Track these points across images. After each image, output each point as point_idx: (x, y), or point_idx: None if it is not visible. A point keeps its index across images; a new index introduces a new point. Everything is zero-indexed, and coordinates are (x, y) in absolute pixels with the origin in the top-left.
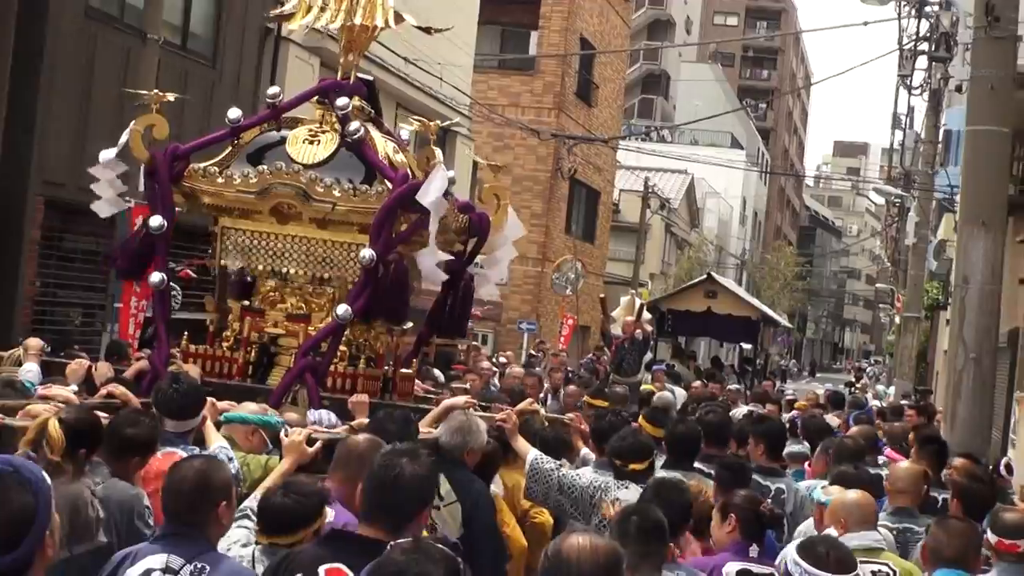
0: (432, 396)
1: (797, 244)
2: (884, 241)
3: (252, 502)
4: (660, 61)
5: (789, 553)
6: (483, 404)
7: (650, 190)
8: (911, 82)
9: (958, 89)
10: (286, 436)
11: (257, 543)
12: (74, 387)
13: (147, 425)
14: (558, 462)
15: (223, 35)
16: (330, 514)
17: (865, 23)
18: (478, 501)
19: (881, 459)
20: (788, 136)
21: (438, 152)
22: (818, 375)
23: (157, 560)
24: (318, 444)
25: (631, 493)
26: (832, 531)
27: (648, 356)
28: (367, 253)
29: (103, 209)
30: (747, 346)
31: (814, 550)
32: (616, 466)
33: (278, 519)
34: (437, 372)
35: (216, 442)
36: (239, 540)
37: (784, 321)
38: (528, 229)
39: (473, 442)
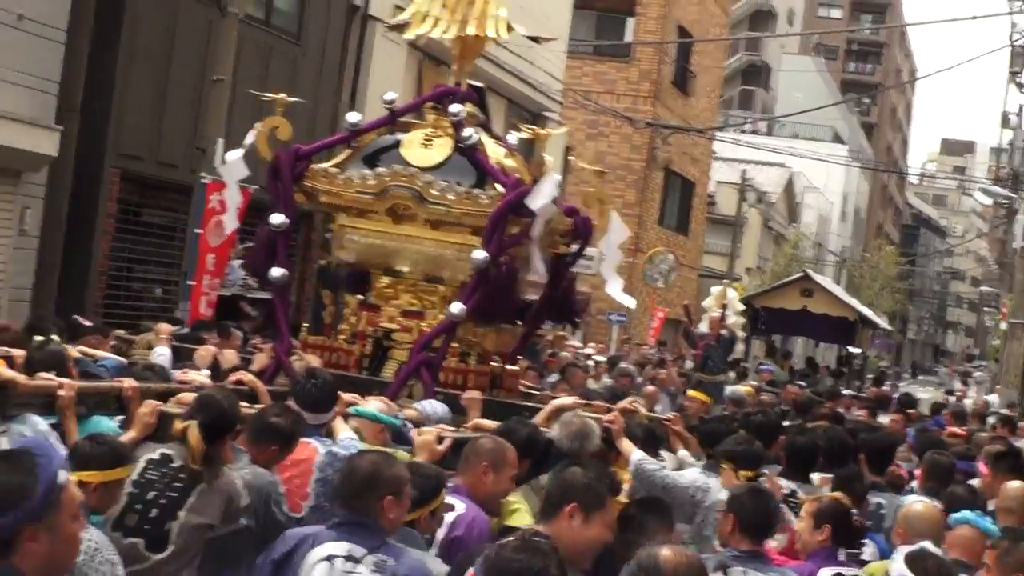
0: (535, 392)
1: (899, 243)
2: (990, 243)
3: None
4: (761, 52)
5: (896, 567)
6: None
7: (747, 183)
8: (1022, 79)
9: None
10: (418, 434)
11: None
12: (206, 372)
13: (292, 416)
14: (660, 463)
15: (308, 11)
16: (460, 507)
17: (974, 17)
18: None
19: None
20: (892, 132)
21: (548, 159)
22: (920, 377)
23: (339, 547)
24: (447, 442)
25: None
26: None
27: (740, 349)
28: (480, 255)
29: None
30: (854, 350)
31: (923, 563)
32: (725, 471)
33: None
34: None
35: (344, 432)
36: None
37: (883, 323)
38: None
39: (590, 446)
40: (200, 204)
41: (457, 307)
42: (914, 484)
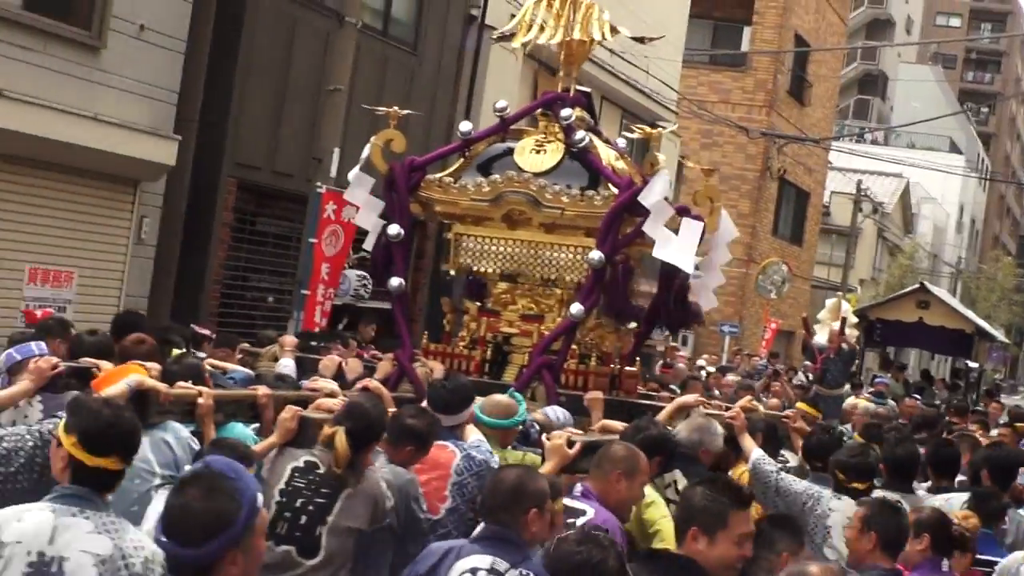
0: (652, 394)
1: (1016, 254)
2: None
3: None
4: (878, 61)
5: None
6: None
7: (863, 193)
8: None
9: None
10: (547, 439)
11: None
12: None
13: (427, 417)
14: (780, 464)
15: (425, 21)
16: (590, 511)
17: None
18: None
19: None
20: (1011, 142)
21: (660, 157)
22: None
23: (483, 560)
24: (577, 446)
25: (844, 505)
26: None
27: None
28: (596, 255)
29: (364, 221)
30: (972, 364)
31: None
32: (837, 479)
33: None
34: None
35: (474, 435)
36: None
37: (1000, 335)
38: None
39: (709, 442)
40: (315, 213)
41: (576, 308)
42: None
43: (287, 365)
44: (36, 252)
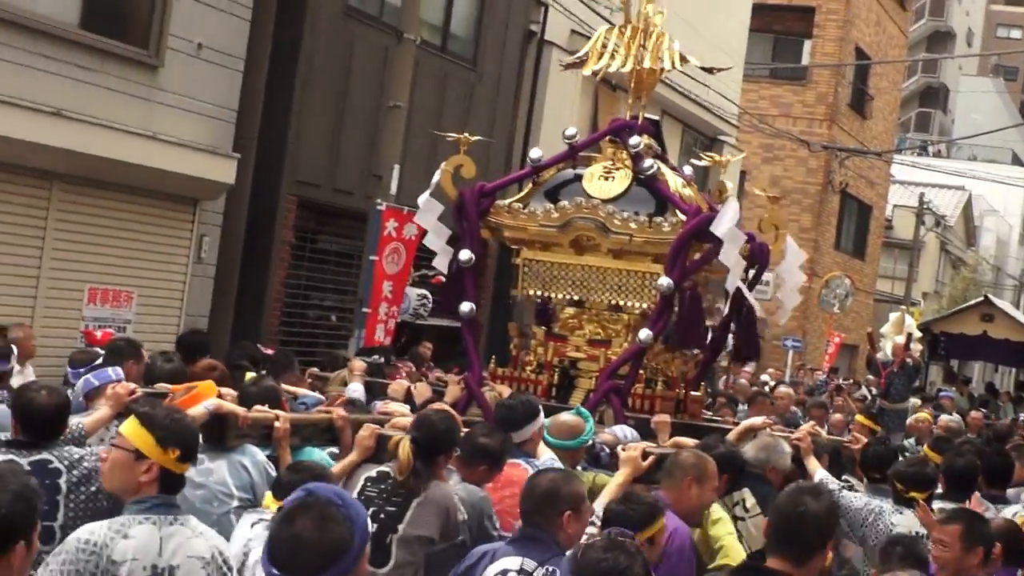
0: (718, 419)
1: None
2: None
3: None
4: (939, 74)
5: None
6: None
7: (925, 206)
8: None
9: None
10: (623, 450)
11: None
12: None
13: (500, 436)
14: (840, 484)
15: (484, 37)
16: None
17: None
18: None
19: None
20: None
21: (730, 185)
22: None
23: (513, 562)
24: (651, 458)
25: (905, 519)
26: None
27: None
28: (665, 281)
29: (443, 263)
30: None
31: None
32: (896, 490)
33: (615, 523)
34: None
35: (546, 455)
36: None
37: None
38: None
39: (776, 461)
40: (376, 231)
41: (645, 333)
42: None
43: (356, 390)
44: (96, 272)
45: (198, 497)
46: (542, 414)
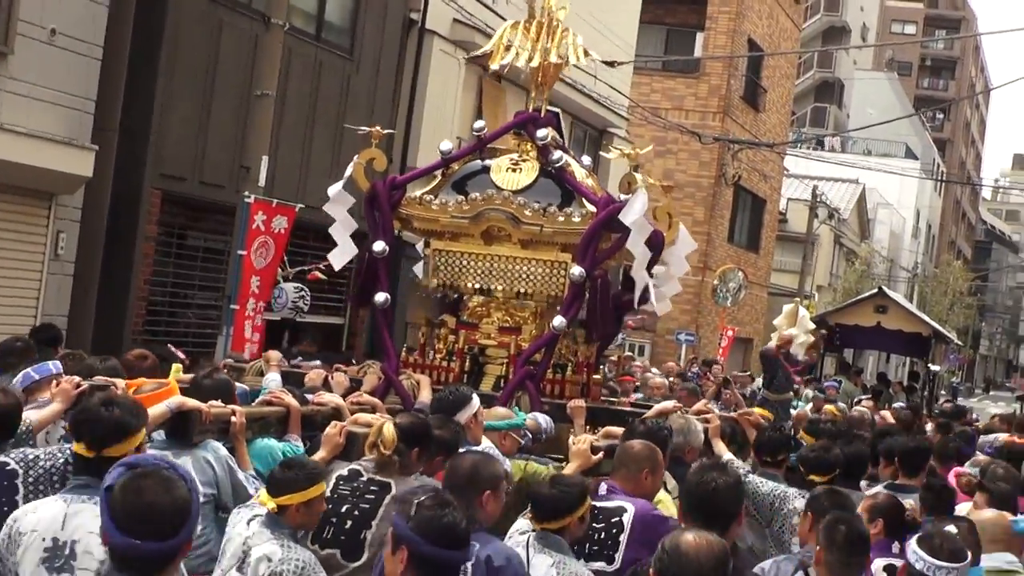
0: (614, 400)
1: (972, 258)
2: None
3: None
4: (834, 69)
5: (910, 545)
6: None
7: (819, 199)
8: None
9: None
10: (573, 443)
11: (532, 530)
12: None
13: (452, 427)
14: (747, 467)
15: (361, 25)
16: (630, 507)
17: None
18: None
19: None
20: (965, 148)
21: (639, 176)
22: (991, 392)
23: None
24: (601, 454)
25: (801, 504)
26: None
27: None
28: (577, 270)
29: (339, 259)
30: (933, 367)
31: (930, 542)
32: (800, 474)
33: (547, 507)
34: None
35: (485, 442)
36: (520, 528)
37: (954, 337)
38: None
39: (692, 442)
40: (244, 224)
41: (559, 320)
42: None
43: (274, 379)
44: None
45: None
46: (475, 399)
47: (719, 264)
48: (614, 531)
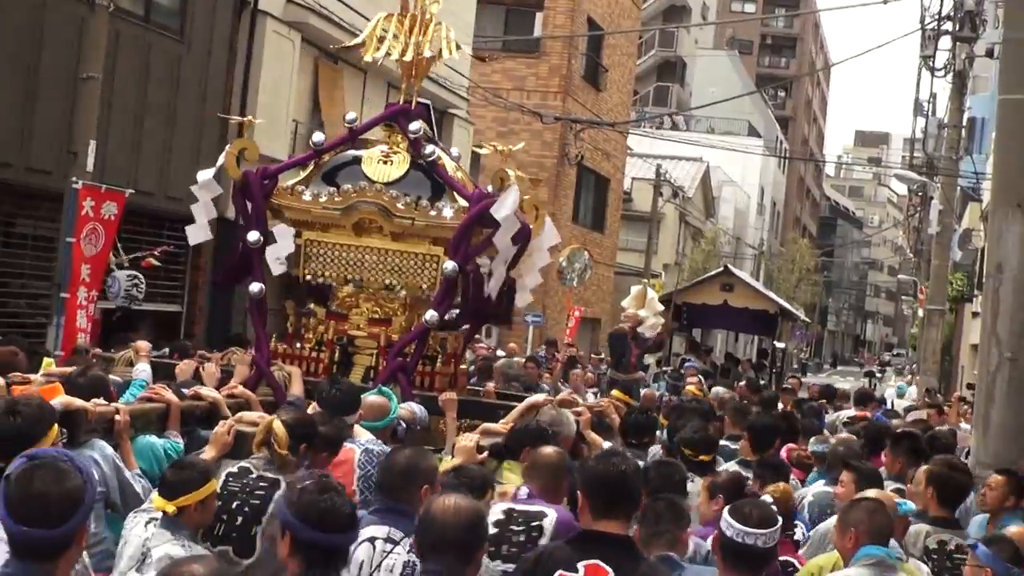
0: (479, 389)
1: (817, 235)
2: (906, 231)
3: None
4: (675, 48)
5: (723, 515)
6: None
7: (663, 178)
8: (934, 63)
9: (989, 54)
10: (458, 441)
11: None
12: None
13: (338, 424)
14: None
15: (191, 5)
16: (552, 512)
17: (885, 1)
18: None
19: None
20: (808, 125)
21: (511, 172)
22: (839, 368)
23: (379, 530)
24: (485, 454)
25: (695, 487)
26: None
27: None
28: (449, 265)
29: (196, 236)
30: (779, 345)
31: (741, 510)
32: (684, 455)
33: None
34: None
35: (365, 435)
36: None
37: (802, 314)
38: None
39: (565, 431)
40: (73, 211)
41: (431, 314)
42: None
43: (144, 370)
44: None
45: None
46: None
47: (564, 244)
48: (534, 535)
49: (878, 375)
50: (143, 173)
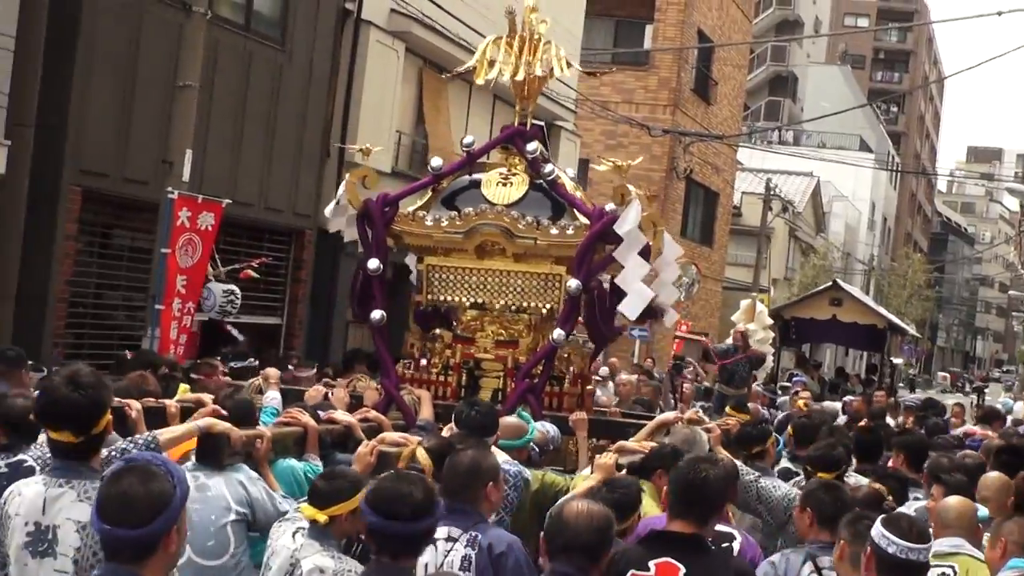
0: (605, 410)
1: (928, 251)
2: (1018, 247)
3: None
4: (787, 63)
5: (876, 527)
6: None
7: (773, 192)
8: None
9: None
10: (600, 458)
11: None
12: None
13: (481, 445)
14: (756, 473)
15: (293, 14)
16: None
17: (999, 13)
18: None
19: None
20: (920, 140)
21: (632, 188)
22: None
23: (441, 532)
24: (624, 471)
25: None
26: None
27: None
28: (573, 283)
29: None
30: (896, 360)
31: (898, 524)
32: (807, 472)
33: (613, 509)
34: None
35: (500, 455)
36: None
37: (912, 330)
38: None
39: (699, 451)
40: (168, 222)
41: (558, 333)
42: None
43: (274, 398)
44: None
45: (195, 511)
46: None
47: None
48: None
49: (985, 390)
50: (242, 184)
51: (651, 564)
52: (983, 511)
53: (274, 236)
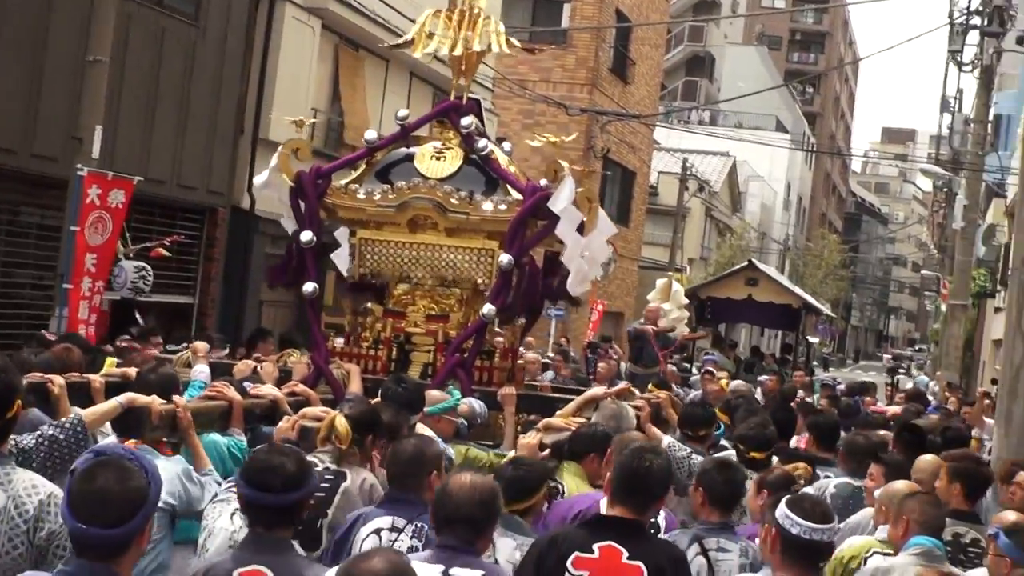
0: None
1: (842, 231)
2: (930, 227)
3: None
4: (704, 43)
5: (780, 508)
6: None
7: (689, 172)
8: (961, 58)
9: (1020, 41)
10: (522, 439)
11: None
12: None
13: (401, 415)
14: (688, 449)
15: None
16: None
17: None
18: None
19: None
20: (835, 121)
21: (564, 164)
22: (861, 363)
23: (384, 521)
24: (548, 451)
25: (748, 483)
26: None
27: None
28: (505, 258)
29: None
30: (811, 339)
31: (801, 504)
32: (739, 451)
33: (510, 488)
34: None
35: (426, 431)
36: None
37: (826, 309)
38: None
39: (626, 426)
40: (77, 199)
41: (488, 308)
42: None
43: (202, 371)
44: None
45: None
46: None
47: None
48: None
49: (902, 371)
50: (154, 161)
51: (595, 547)
52: None
53: (187, 214)
